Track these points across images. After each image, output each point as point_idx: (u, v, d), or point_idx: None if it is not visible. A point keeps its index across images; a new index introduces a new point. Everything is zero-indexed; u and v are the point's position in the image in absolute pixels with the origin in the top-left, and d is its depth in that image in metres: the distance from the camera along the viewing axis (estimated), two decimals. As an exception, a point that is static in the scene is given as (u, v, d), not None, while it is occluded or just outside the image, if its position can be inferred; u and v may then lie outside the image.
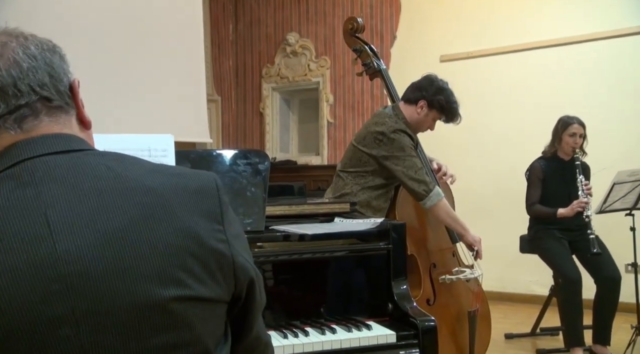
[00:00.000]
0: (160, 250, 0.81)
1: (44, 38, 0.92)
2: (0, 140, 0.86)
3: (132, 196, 0.82)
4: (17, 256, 0.75)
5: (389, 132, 2.67)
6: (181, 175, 0.89)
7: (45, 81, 0.88)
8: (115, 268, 0.78)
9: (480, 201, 4.94)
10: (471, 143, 5.31)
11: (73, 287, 0.76)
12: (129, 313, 0.78)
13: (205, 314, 0.85)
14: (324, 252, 1.84)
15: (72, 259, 0.77)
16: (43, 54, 0.89)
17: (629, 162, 4.16)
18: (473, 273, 2.75)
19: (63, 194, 0.80)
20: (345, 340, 1.68)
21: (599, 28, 4.85)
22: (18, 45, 0.87)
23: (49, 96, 0.88)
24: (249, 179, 1.84)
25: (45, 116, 0.88)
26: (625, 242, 3.50)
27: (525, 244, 3.96)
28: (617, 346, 3.48)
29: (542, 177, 3.70)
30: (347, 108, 6.22)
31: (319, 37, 6.41)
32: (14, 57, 0.86)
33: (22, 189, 0.80)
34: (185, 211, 0.85)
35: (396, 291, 1.86)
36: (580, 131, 3.61)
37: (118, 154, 0.90)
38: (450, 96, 2.80)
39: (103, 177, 0.83)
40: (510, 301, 4.98)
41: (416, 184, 2.62)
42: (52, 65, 0.89)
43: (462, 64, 5.42)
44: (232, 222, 0.91)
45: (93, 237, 0.78)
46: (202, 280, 0.84)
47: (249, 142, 6.88)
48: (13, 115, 0.86)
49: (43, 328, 0.75)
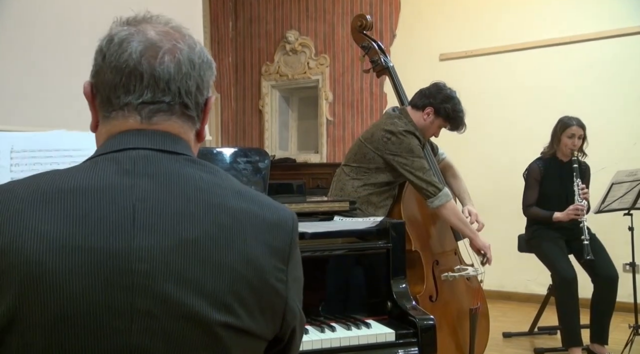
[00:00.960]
0: (222, 272, 0.81)
1: (206, 49, 0.95)
2: (126, 122, 0.89)
3: (213, 212, 0.83)
4: (96, 239, 0.77)
5: (398, 133, 2.70)
6: (263, 205, 0.90)
7: (192, 90, 0.91)
8: (178, 277, 0.79)
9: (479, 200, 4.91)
10: (470, 142, 5.30)
11: (137, 284, 0.77)
12: (178, 324, 0.78)
13: (246, 347, 0.85)
14: (324, 251, 1.84)
15: (143, 257, 0.78)
16: (201, 65, 0.92)
17: (628, 162, 4.17)
18: (475, 270, 2.76)
19: (154, 192, 0.82)
20: (345, 338, 1.68)
21: (598, 28, 4.85)
22: (186, 48, 0.91)
23: (188, 104, 0.91)
24: (249, 177, 1.84)
25: (177, 118, 0.91)
26: (624, 242, 3.51)
27: (523, 244, 3.97)
28: (614, 345, 3.49)
29: (539, 179, 3.69)
30: (346, 106, 6.22)
31: (318, 35, 6.41)
32: (179, 57, 0.89)
33: (120, 176, 0.82)
34: (256, 241, 0.85)
35: (395, 290, 1.87)
36: (580, 132, 3.59)
37: (214, 167, 0.91)
38: (458, 104, 2.83)
39: (193, 186, 0.85)
40: (509, 300, 4.99)
41: (424, 184, 2.65)
42: (203, 79, 0.93)
43: (462, 63, 5.42)
44: (296, 264, 0.92)
45: (169, 241, 0.80)
46: (252, 313, 0.84)
47: (248, 139, 6.88)
48: (152, 106, 0.88)
49: (99, 314, 0.76)
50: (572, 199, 3.53)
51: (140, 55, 0.87)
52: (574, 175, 3.53)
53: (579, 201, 3.49)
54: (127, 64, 0.87)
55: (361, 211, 2.66)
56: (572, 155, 3.59)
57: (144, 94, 0.88)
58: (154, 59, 0.88)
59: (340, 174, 2.87)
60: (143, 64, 0.87)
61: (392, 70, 3.06)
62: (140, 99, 0.88)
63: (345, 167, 2.85)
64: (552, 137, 3.70)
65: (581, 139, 3.61)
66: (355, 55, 6.12)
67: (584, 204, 3.50)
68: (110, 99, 0.89)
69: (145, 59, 0.87)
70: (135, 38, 0.88)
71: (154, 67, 0.87)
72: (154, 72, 0.87)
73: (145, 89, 0.88)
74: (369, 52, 3.11)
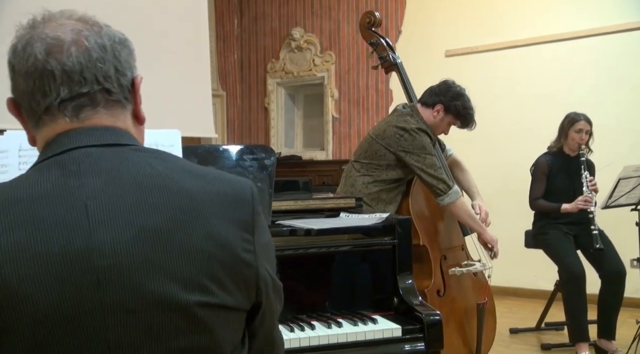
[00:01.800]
0: (190, 255, 0.82)
1: (118, 30, 0.93)
2: (56, 125, 0.87)
3: (170, 198, 0.83)
4: (54, 244, 0.77)
5: (411, 130, 2.71)
6: (219, 181, 0.90)
7: (111, 73, 0.89)
8: (145, 266, 0.79)
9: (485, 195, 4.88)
10: (476, 138, 5.27)
11: (103, 280, 0.78)
12: (153, 312, 0.79)
13: (227, 322, 0.86)
14: (330, 247, 1.86)
15: (105, 252, 0.78)
16: (114, 46, 0.90)
17: (634, 157, 4.15)
18: (482, 266, 2.78)
19: (105, 188, 0.82)
20: (351, 334, 1.69)
21: (604, 22, 4.83)
22: (92, 34, 0.89)
23: (111, 89, 0.89)
24: (255, 174, 1.85)
25: (103, 108, 0.89)
26: (631, 237, 3.50)
27: (530, 239, 3.96)
28: (622, 340, 3.48)
29: (547, 173, 3.69)
30: (352, 103, 6.22)
31: (324, 32, 6.40)
32: (86, 45, 0.87)
33: (66, 179, 0.82)
34: (218, 218, 0.86)
35: (402, 286, 1.87)
36: (587, 127, 3.60)
37: (163, 152, 0.91)
38: (467, 102, 2.84)
39: (145, 175, 0.84)
40: (515, 296, 4.99)
41: (435, 181, 2.66)
42: (120, 59, 0.91)
43: (467, 59, 5.41)
44: (262, 232, 0.92)
45: (129, 233, 0.80)
46: (226, 288, 0.85)
47: (254, 137, 6.89)
48: (73, 102, 0.87)
49: (71, 316, 0.76)
50: (579, 192, 3.52)
51: (46, 54, 0.85)
52: (582, 168, 3.53)
53: (587, 192, 3.49)
54: (35, 66, 0.85)
55: (371, 207, 2.66)
56: (579, 149, 3.59)
57: (61, 91, 0.86)
58: (60, 54, 0.85)
59: (350, 171, 2.88)
60: (51, 62, 0.85)
61: (400, 67, 3.07)
62: (59, 98, 0.86)
63: (355, 163, 2.86)
64: (559, 132, 3.70)
65: (588, 134, 3.62)
66: (361, 52, 6.12)
67: (592, 195, 3.49)
68: (32, 108, 0.88)
69: (51, 57, 0.85)
70: (36, 39, 0.86)
71: (63, 62, 0.85)
72: (65, 67, 0.85)
73: (60, 87, 0.86)
74: (377, 48, 3.12)
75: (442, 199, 2.66)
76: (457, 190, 2.69)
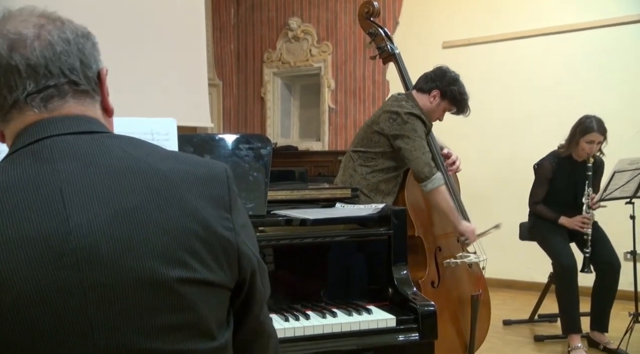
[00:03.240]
0: (168, 231, 0.83)
1: (80, 24, 0.94)
2: (25, 117, 0.88)
3: (143, 178, 0.85)
4: (30, 228, 0.78)
5: (403, 113, 2.72)
6: (192, 163, 0.91)
7: (76, 66, 0.90)
8: (124, 245, 0.80)
9: (481, 188, 4.95)
10: (472, 130, 5.30)
11: (82, 260, 0.78)
12: (134, 290, 0.80)
13: (209, 298, 0.86)
14: (325, 237, 1.85)
15: (83, 233, 0.79)
16: (77, 39, 0.91)
17: (629, 151, 4.16)
18: (477, 257, 2.78)
19: (79, 172, 0.82)
20: (346, 324, 1.70)
21: (601, 16, 4.82)
22: (54, 28, 0.89)
23: (77, 80, 0.90)
24: (251, 164, 1.84)
25: (71, 98, 0.90)
26: (625, 230, 3.51)
27: (524, 232, 3.97)
28: (614, 333, 3.50)
29: (550, 177, 3.63)
30: (348, 94, 6.21)
31: (321, 22, 6.38)
32: (49, 39, 0.88)
33: (39, 165, 0.82)
34: (194, 196, 0.87)
35: (396, 276, 1.88)
36: (599, 139, 3.44)
37: (135, 139, 0.92)
38: (463, 87, 2.86)
39: (118, 158, 0.85)
40: (509, 288, 5.01)
41: (420, 165, 2.65)
42: (84, 52, 0.92)
43: (465, 51, 5.40)
44: (240, 212, 0.93)
45: (105, 214, 0.80)
46: (207, 264, 0.86)
47: (250, 127, 6.88)
48: (40, 94, 0.88)
49: (52, 298, 0.77)
50: (580, 197, 3.49)
51: (9, 49, 0.86)
52: (587, 183, 3.46)
53: (587, 211, 3.46)
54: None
55: (370, 198, 2.66)
56: (587, 160, 3.48)
57: (27, 86, 0.87)
58: (24, 49, 0.86)
59: (348, 161, 2.88)
60: (14, 58, 0.86)
61: (398, 57, 3.06)
62: (25, 92, 0.87)
63: (353, 153, 2.86)
64: (570, 136, 3.54)
65: (600, 144, 3.48)
66: (358, 43, 6.10)
67: (591, 215, 3.47)
68: (0, 104, 0.89)
69: (15, 52, 0.86)
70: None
71: (27, 57, 0.86)
72: (29, 62, 0.86)
73: (26, 81, 0.87)
74: (375, 38, 3.11)
75: (425, 184, 2.66)
76: (441, 177, 2.68)
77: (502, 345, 3.65)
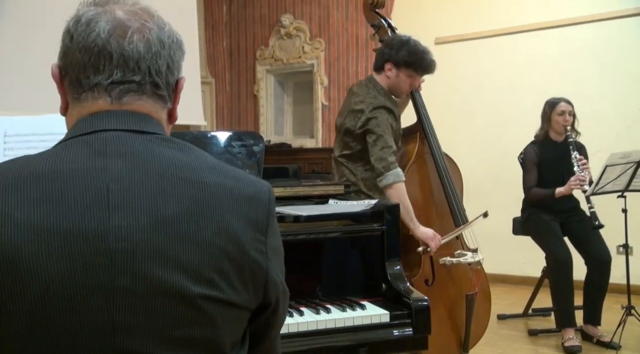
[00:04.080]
0: (202, 247, 0.83)
1: (176, 31, 0.96)
2: (97, 103, 0.89)
3: (188, 188, 0.84)
4: (71, 221, 0.78)
5: (367, 110, 2.62)
6: (238, 179, 0.91)
7: (162, 70, 0.91)
8: (158, 254, 0.80)
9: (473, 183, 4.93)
10: (465, 125, 5.32)
11: (116, 262, 0.78)
12: (160, 299, 0.80)
13: (230, 318, 0.87)
14: (319, 234, 1.85)
15: (121, 235, 0.79)
16: (171, 45, 0.93)
17: (621, 145, 4.18)
18: (474, 256, 2.74)
19: (128, 172, 0.82)
20: (340, 319, 1.70)
21: (592, 10, 4.84)
22: (155, 27, 0.91)
23: (159, 83, 0.91)
24: (243, 161, 1.84)
25: (147, 97, 0.91)
26: (617, 224, 3.53)
27: (518, 226, 3.99)
28: (607, 326, 3.52)
29: (536, 162, 3.70)
30: (341, 91, 6.20)
31: (313, 19, 6.37)
32: (148, 37, 0.89)
33: (92, 158, 0.82)
34: (233, 215, 0.86)
35: (390, 272, 1.88)
36: (569, 108, 3.62)
37: (187, 144, 0.91)
38: (415, 45, 2.68)
39: (168, 164, 0.85)
40: (503, 283, 5.03)
41: (378, 160, 2.56)
42: (173, 58, 0.93)
43: (457, 47, 5.40)
44: (274, 234, 0.93)
45: (145, 219, 0.80)
46: (233, 285, 0.85)
47: (243, 124, 6.87)
48: (122, 86, 0.88)
49: (80, 294, 0.77)
50: (571, 176, 3.52)
51: (109, 34, 0.87)
52: (570, 149, 3.54)
53: (579, 171, 3.50)
54: (95, 43, 0.86)
55: (371, 197, 2.61)
56: (565, 131, 3.60)
57: (114, 73, 0.87)
58: (123, 39, 0.87)
59: (338, 167, 2.79)
60: (112, 43, 0.86)
61: None
62: (110, 78, 0.87)
63: (340, 158, 2.77)
64: (542, 118, 3.74)
65: (572, 116, 3.63)
66: (351, 39, 6.09)
67: (584, 174, 3.49)
68: (79, 80, 0.89)
69: (114, 39, 0.87)
70: (102, 18, 0.87)
71: (123, 47, 0.87)
72: (124, 52, 0.87)
73: (115, 69, 0.87)
74: (379, 31, 3.02)
75: (379, 180, 2.57)
76: (398, 173, 2.55)
77: (496, 339, 3.66)
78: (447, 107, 4.95)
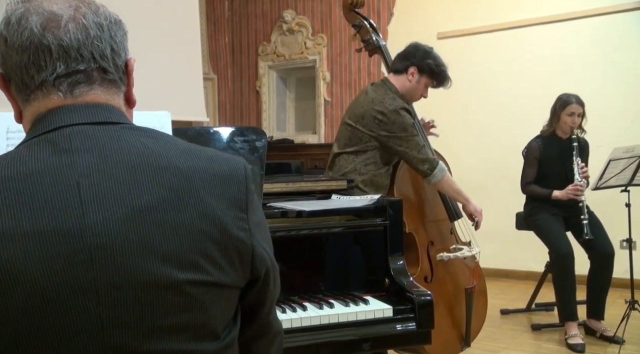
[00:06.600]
0: (183, 233, 0.82)
1: (113, 11, 0.92)
2: (49, 101, 0.86)
3: (162, 176, 0.83)
4: (45, 222, 0.76)
5: (389, 113, 2.64)
6: (212, 159, 0.89)
7: (107, 53, 0.89)
8: (138, 245, 0.79)
9: (476, 179, 4.95)
10: (467, 121, 5.31)
11: (96, 259, 0.77)
12: (146, 290, 0.79)
13: (220, 299, 0.86)
14: (322, 229, 1.86)
15: (98, 231, 0.78)
16: (110, 26, 0.90)
17: (625, 139, 4.17)
18: (470, 250, 2.77)
19: (97, 166, 0.81)
20: (343, 314, 1.70)
21: (596, 4, 4.82)
22: (89, 11, 0.88)
23: (106, 68, 0.89)
24: (246, 157, 1.84)
25: (98, 86, 0.89)
26: (620, 218, 3.52)
27: (521, 221, 3.98)
28: (611, 320, 3.52)
29: (538, 157, 3.70)
30: (344, 86, 6.20)
31: (315, 15, 6.36)
32: (83, 22, 0.86)
33: (58, 156, 0.81)
34: (211, 196, 0.85)
35: (393, 267, 1.88)
36: (579, 110, 3.59)
37: (154, 131, 0.90)
38: (438, 58, 2.78)
39: (137, 154, 0.83)
40: (507, 278, 5.03)
41: (420, 163, 2.64)
42: (115, 39, 0.90)
43: (460, 41, 5.39)
44: (255, 209, 0.92)
45: (121, 212, 0.79)
46: (220, 266, 0.85)
47: (246, 120, 6.86)
48: (69, 78, 0.86)
49: (64, 295, 0.76)
50: (571, 176, 3.54)
51: (43, 28, 0.84)
52: (574, 154, 3.54)
53: (579, 180, 3.50)
54: (31, 40, 0.84)
55: (362, 190, 2.64)
56: (571, 132, 3.59)
57: (57, 67, 0.85)
58: (58, 29, 0.84)
59: (337, 162, 2.78)
60: (47, 36, 0.84)
61: (384, 49, 2.99)
62: (55, 73, 0.85)
63: (343, 153, 2.76)
64: (551, 114, 3.70)
65: (580, 117, 3.62)
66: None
67: (583, 183, 3.51)
68: (25, 82, 0.86)
69: (48, 32, 0.84)
70: (32, 13, 0.84)
71: (60, 37, 0.84)
72: (62, 42, 0.84)
73: (57, 62, 0.85)
74: (360, 30, 3.03)
75: (429, 180, 2.66)
76: (442, 167, 2.66)
77: (499, 334, 3.66)
78: (449, 102, 4.94)
